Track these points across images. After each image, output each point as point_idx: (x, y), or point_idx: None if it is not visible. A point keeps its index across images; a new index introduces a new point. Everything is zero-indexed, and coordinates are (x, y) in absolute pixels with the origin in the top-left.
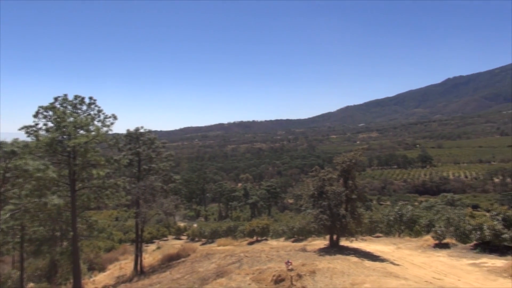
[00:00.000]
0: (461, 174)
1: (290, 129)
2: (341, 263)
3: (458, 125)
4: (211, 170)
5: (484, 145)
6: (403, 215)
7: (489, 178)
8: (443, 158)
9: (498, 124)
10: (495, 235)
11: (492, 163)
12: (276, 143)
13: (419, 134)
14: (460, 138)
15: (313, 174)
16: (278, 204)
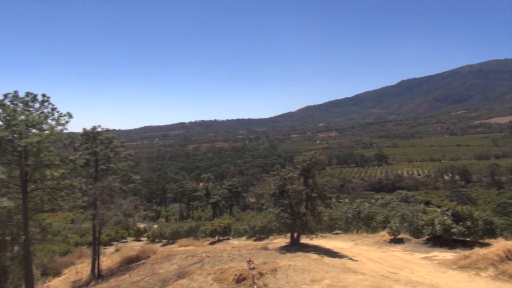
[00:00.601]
0: (414, 172)
1: (252, 128)
2: (301, 260)
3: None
4: (172, 170)
5: (435, 144)
6: (360, 212)
7: (440, 176)
8: (398, 157)
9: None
10: (445, 229)
11: (442, 161)
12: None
13: (376, 134)
14: (413, 138)
15: (274, 173)
16: (239, 204)
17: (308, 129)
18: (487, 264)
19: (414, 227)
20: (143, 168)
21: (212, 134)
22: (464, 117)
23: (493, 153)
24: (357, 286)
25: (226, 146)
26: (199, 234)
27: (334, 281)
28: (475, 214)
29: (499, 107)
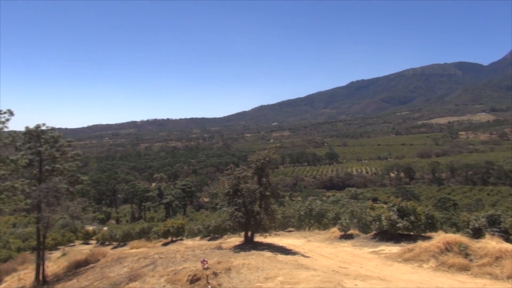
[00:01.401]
0: (363, 170)
1: (206, 127)
2: (255, 258)
3: (360, 125)
4: (122, 170)
5: (382, 144)
6: (312, 210)
7: (386, 173)
8: (348, 156)
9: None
10: (391, 224)
11: (388, 160)
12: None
13: (327, 133)
14: (362, 137)
15: (228, 173)
16: (193, 203)
17: (261, 128)
18: (428, 256)
19: (362, 223)
20: (92, 169)
21: (165, 133)
22: (408, 117)
23: (434, 151)
24: (309, 281)
25: (180, 145)
26: (152, 236)
27: (287, 278)
28: (418, 209)
29: (439, 109)
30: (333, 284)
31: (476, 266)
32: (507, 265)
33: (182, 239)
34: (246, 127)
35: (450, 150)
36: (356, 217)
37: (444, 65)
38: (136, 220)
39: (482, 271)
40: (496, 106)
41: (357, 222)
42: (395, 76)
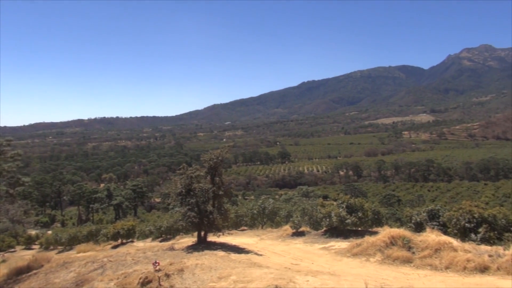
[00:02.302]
0: (314, 168)
1: (157, 126)
2: (208, 258)
3: (311, 125)
4: (68, 171)
5: (332, 143)
6: (265, 208)
7: (336, 172)
8: (299, 154)
9: (343, 124)
10: (341, 221)
11: (338, 158)
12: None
13: (279, 132)
14: (312, 136)
15: (181, 172)
16: (144, 204)
17: (214, 128)
18: (375, 250)
19: (313, 220)
20: (34, 169)
21: (114, 131)
22: (356, 117)
23: (380, 150)
24: (262, 279)
25: (130, 145)
26: (100, 238)
27: (240, 277)
28: (365, 205)
29: (385, 109)
30: (285, 281)
31: (418, 258)
32: (445, 256)
33: (132, 241)
34: (199, 126)
35: (394, 149)
36: (307, 214)
37: (388, 68)
38: (83, 222)
39: (423, 263)
40: (435, 107)
41: (308, 220)
42: (344, 77)
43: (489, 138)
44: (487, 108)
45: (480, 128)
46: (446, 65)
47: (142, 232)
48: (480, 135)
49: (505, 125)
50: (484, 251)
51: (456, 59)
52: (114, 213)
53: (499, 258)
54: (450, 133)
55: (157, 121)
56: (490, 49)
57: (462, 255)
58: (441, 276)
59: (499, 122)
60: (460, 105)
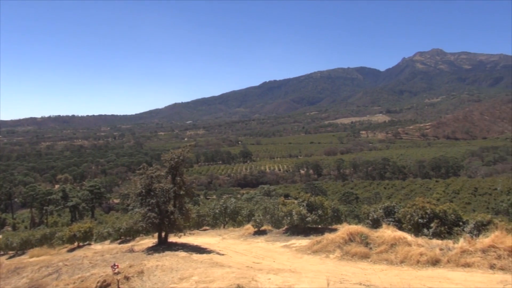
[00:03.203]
0: (275, 167)
1: (116, 125)
2: (169, 259)
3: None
4: (20, 171)
5: (293, 142)
6: (227, 208)
7: (297, 170)
8: (261, 153)
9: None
10: (301, 219)
11: (299, 157)
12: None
13: (241, 132)
14: (274, 136)
15: (141, 172)
16: (103, 205)
17: (175, 127)
18: (334, 247)
19: (275, 219)
20: None
21: (70, 130)
22: (316, 117)
23: (339, 149)
24: (224, 279)
25: (87, 144)
26: (55, 242)
27: (202, 277)
28: (325, 203)
29: (344, 109)
30: (247, 280)
31: (375, 254)
32: (400, 251)
33: (90, 243)
34: (159, 125)
35: (353, 148)
36: (269, 213)
37: (347, 69)
38: (37, 225)
39: (380, 258)
40: (391, 108)
41: (270, 218)
42: (305, 78)
43: (440, 137)
44: (438, 109)
45: (432, 128)
46: (400, 68)
47: (100, 234)
48: (432, 134)
49: (454, 125)
50: (436, 245)
51: (410, 62)
52: (70, 215)
53: (449, 251)
54: (405, 132)
55: (115, 119)
56: (441, 53)
57: (415, 249)
58: (397, 270)
59: (449, 122)
60: (413, 106)
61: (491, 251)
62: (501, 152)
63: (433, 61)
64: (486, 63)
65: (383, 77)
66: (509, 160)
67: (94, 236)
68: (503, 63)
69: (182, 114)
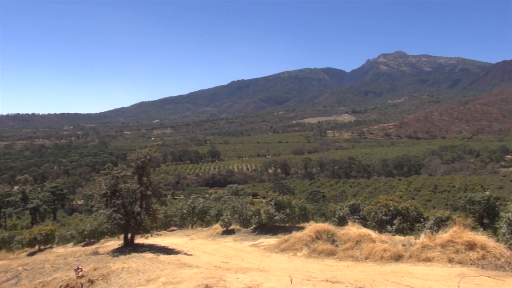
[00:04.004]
0: (243, 167)
1: (79, 124)
2: (136, 261)
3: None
4: None
5: (261, 141)
6: (195, 207)
7: (265, 170)
8: (229, 153)
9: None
10: (270, 218)
11: (267, 157)
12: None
13: (209, 131)
14: (242, 135)
15: (106, 172)
16: (65, 207)
17: (142, 126)
18: (302, 245)
19: (243, 218)
20: None
21: (30, 129)
22: (284, 117)
23: (306, 148)
24: (192, 279)
25: (48, 144)
26: (15, 245)
27: (169, 278)
28: (293, 202)
29: (311, 109)
30: (215, 280)
31: (341, 251)
32: (365, 248)
33: (52, 247)
34: (125, 124)
35: (319, 147)
36: (237, 212)
37: (314, 69)
38: None
39: (345, 255)
40: (356, 108)
41: (238, 218)
42: (273, 77)
43: (402, 137)
44: (401, 109)
45: (395, 128)
46: (365, 69)
47: (62, 237)
48: (395, 134)
49: (416, 125)
50: (398, 241)
51: (374, 64)
52: (31, 218)
53: (411, 247)
54: (369, 132)
55: (79, 118)
56: (403, 55)
57: (379, 246)
58: (362, 266)
59: (411, 122)
60: (377, 107)
61: (450, 245)
62: (458, 151)
63: (396, 63)
64: (445, 66)
65: (348, 78)
66: (466, 159)
67: (56, 239)
68: (461, 66)
69: (149, 113)
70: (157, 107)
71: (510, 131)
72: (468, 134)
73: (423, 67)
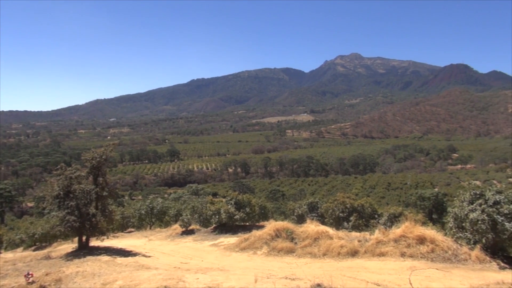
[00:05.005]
0: (203, 166)
1: (29, 122)
2: (91, 264)
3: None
4: None
5: (221, 140)
6: (154, 208)
7: (225, 169)
8: (189, 152)
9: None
10: (230, 217)
11: (227, 156)
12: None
13: (168, 130)
14: (202, 134)
15: (58, 173)
16: (14, 210)
17: (98, 124)
18: (262, 243)
19: (203, 218)
20: None
21: None
22: (244, 116)
23: (266, 147)
24: (151, 281)
25: None
26: None
27: (127, 281)
28: (253, 201)
29: (270, 109)
30: (175, 281)
31: (300, 248)
32: (322, 244)
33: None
34: (79, 122)
35: (279, 146)
36: (197, 212)
37: (274, 69)
38: None
39: (304, 252)
40: (314, 108)
41: (198, 217)
42: (233, 77)
43: (358, 136)
44: (357, 109)
45: (351, 128)
46: (323, 70)
47: (11, 242)
48: (351, 133)
49: (371, 125)
50: (354, 237)
51: (332, 65)
52: None
53: (366, 243)
54: (327, 132)
55: (29, 116)
56: (359, 57)
57: (336, 242)
58: (320, 263)
59: (366, 122)
60: (335, 107)
61: (402, 240)
62: (410, 150)
63: (352, 65)
64: (398, 68)
65: (307, 78)
66: (417, 157)
67: (4, 243)
68: (412, 68)
69: (105, 111)
70: (114, 105)
71: (456, 131)
72: (418, 133)
73: (378, 69)
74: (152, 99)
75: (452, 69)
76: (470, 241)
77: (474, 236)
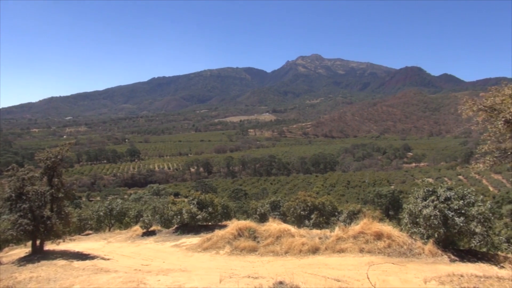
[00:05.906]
0: (165, 166)
1: None
2: (46, 269)
3: (162, 121)
4: None
5: (183, 140)
6: (113, 209)
7: (187, 169)
8: (150, 152)
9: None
10: (192, 217)
11: (189, 155)
12: None
13: (128, 129)
14: (163, 133)
15: (10, 174)
16: None
17: (52, 123)
18: (224, 243)
19: (165, 218)
20: None
21: None
22: (206, 115)
23: (228, 147)
24: (110, 285)
25: None
26: None
27: (84, 285)
28: (215, 201)
29: (233, 108)
30: (135, 283)
31: (262, 246)
32: (285, 242)
33: None
34: (32, 121)
35: (241, 146)
36: (158, 213)
37: (236, 69)
38: None
39: (267, 250)
40: (276, 108)
41: (159, 218)
42: (195, 75)
43: (319, 136)
44: (318, 109)
45: (312, 127)
46: (285, 70)
47: None
48: (312, 133)
49: (331, 125)
50: (315, 234)
51: (293, 65)
52: None
53: (327, 240)
54: (289, 131)
55: None
56: (320, 58)
57: (298, 240)
58: (282, 261)
59: (326, 122)
60: (296, 107)
61: (361, 236)
62: (368, 149)
63: (313, 65)
64: (356, 70)
65: (269, 78)
66: (375, 156)
67: None
68: (370, 70)
69: (60, 109)
70: (70, 103)
71: (411, 131)
72: (376, 133)
73: (337, 70)
74: (111, 97)
75: (407, 71)
76: (424, 235)
77: (427, 231)
